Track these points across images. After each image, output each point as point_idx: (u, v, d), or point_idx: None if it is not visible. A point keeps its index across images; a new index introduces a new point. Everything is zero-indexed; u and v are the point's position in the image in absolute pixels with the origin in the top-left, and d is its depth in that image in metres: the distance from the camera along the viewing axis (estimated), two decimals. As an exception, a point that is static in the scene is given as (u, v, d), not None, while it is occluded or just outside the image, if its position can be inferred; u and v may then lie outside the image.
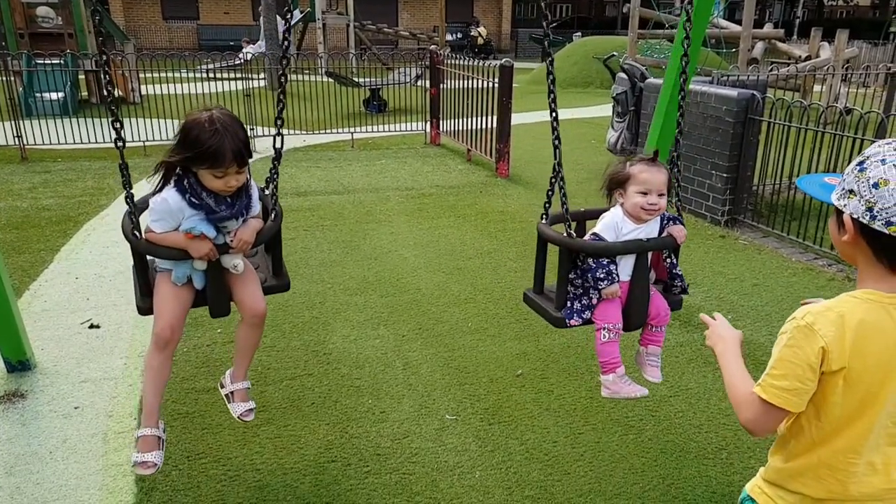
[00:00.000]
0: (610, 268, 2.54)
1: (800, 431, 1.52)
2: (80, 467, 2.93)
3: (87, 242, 5.74)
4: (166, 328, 2.55)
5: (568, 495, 2.81)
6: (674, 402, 3.47)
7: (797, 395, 1.43)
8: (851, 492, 1.48)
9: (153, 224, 2.50)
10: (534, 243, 2.93)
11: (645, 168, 2.58)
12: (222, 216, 2.49)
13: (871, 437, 1.44)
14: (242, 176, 2.48)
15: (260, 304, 2.69)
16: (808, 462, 1.50)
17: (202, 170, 2.42)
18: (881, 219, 1.34)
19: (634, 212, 2.59)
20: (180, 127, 2.48)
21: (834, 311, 1.40)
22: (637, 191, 2.57)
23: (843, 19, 38.26)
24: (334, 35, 24.41)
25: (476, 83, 8.59)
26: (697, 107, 6.46)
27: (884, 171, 1.34)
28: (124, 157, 2.65)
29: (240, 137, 2.42)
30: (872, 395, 1.40)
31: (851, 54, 14.05)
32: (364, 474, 2.91)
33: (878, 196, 1.34)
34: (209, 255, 2.49)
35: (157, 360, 2.58)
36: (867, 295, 1.40)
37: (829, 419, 1.46)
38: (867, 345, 1.37)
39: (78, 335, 4.11)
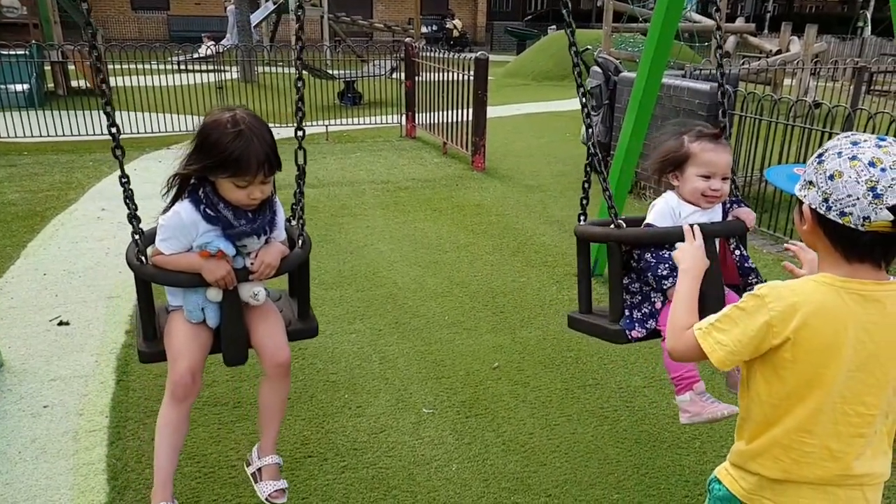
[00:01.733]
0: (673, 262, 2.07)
1: (755, 412, 1.57)
2: (50, 467, 2.88)
3: (55, 238, 5.63)
4: (186, 374, 2.14)
5: (544, 486, 2.82)
6: (647, 392, 3.50)
7: (728, 354, 1.50)
8: (806, 473, 1.51)
9: (162, 244, 2.14)
10: (510, 237, 2.85)
11: (709, 146, 2.20)
12: (241, 231, 2.14)
13: (823, 418, 1.47)
14: (268, 187, 2.15)
15: (283, 350, 2.29)
16: (764, 443, 1.55)
17: (223, 179, 2.09)
18: (836, 209, 1.39)
19: (693, 198, 2.22)
20: (198, 130, 2.14)
21: (789, 288, 1.46)
22: (698, 174, 2.19)
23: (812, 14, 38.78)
24: (308, 27, 24.16)
25: (451, 76, 8.58)
26: (670, 100, 6.52)
27: (839, 164, 1.39)
28: (124, 170, 2.29)
29: (267, 142, 2.10)
30: (818, 375, 1.45)
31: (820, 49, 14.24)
32: (341, 469, 2.90)
33: (833, 188, 1.39)
34: (226, 279, 2.11)
35: (174, 415, 2.16)
36: (823, 279, 1.45)
37: (780, 396, 1.50)
38: (815, 323, 1.42)
39: (46, 332, 4.03)
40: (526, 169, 8.36)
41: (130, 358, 3.73)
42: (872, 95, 11.78)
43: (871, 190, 1.35)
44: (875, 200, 1.35)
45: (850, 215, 1.38)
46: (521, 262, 5.24)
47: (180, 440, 2.22)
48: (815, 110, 5.63)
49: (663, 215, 2.25)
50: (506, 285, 4.81)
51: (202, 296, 2.19)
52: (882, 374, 1.46)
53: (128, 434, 3.09)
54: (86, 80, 12.47)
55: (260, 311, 2.33)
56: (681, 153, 2.23)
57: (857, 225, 1.37)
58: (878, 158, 1.36)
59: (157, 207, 2.30)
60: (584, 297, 2.46)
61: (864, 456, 1.51)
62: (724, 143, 2.25)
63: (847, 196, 1.37)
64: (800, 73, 11.93)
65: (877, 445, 1.53)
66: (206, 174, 2.12)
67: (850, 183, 1.37)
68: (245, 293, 2.23)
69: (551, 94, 15.27)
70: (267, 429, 2.39)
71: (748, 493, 1.58)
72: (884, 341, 1.44)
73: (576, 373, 3.67)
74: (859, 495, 1.53)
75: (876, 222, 1.36)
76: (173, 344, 2.20)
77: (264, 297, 2.27)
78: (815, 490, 1.52)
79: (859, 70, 10.69)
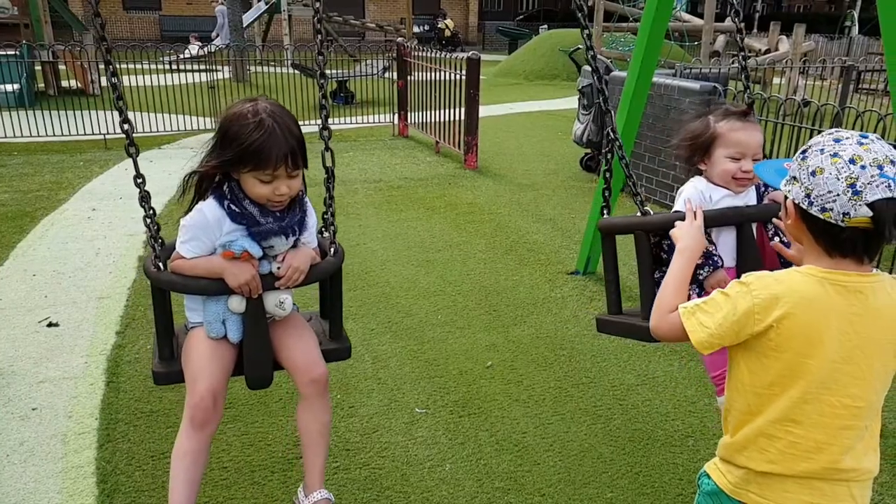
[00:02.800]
0: (708, 248, 2.00)
1: (739, 402, 1.59)
2: (39, 470, 2.86)
3: (44, 238, 5.59)
4: (207, 396, 1.94)
5: (538, 485, 2.81)
6: (641, 390, 3.50)
7: (709, 336, 1.53)
8: (792, 465, 1.51)
9: (182, 247, 1.98)
10: (502, 235, 2.79)
11: (738, 125, 2.07)
12: (268, 229, 1.96)
13: (808, 409, 1.48)
14: (295, 183, 1.98)
15: (318, 365, 2.09)
16: (749, 434, 1.56)
17: (245, 174, 1.93)
18: (817, 205, 1.42)
19: (723, 181, 2.09)
20: (218, 125, 2.01)
21: (774, 278, 1.50)
22: (727, 155, 2.06)
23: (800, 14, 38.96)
24: (300, 27, 24.15)
25: (443, 75, 8.57)
26: (661, 99, 6.53)
27: (821, 161, 1.42)
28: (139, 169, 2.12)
29: (292, 132, 1.95)
30: (801, 365, 1.47)
31: (809, 48, 14.32)
32: (333, 470, 2.88)
33: (815, 184, 1.42)
34: (251, 283, 1.92)
35: (193, 444, 1.96)
36: (808, 270, 1.49)
37: (763, 385, 1.52)
38: (798, 313, 1.45)
39: (35, 334, 4.00)
40: (518, 167, 8.36)
41: (121, 359, 3.71)
42: (860, 94, 11.83)
43: (850, 187, 1.37)
44: (854, 197, 1.37)
45: (830, 211, 1.40)
46: (513, 260, 5.23)
47: (198, 474, 1.98)
48: (804, 109, 5.65)
49: (693, 201, 2.07)
50: (498, 284, 4.80)
51: (223, 306, 2.00)
52: (867, 365, 1.48)
53: (118, 437, 3.06)
54: (76, 80, 12.41)
55: (288, 325, 2.13)
56: (707, 135, 2.11)
57: (838, 221, 1.40)
58: (859, 156, 1.38)
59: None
60: (614, 298, 2.31)
61: (853, 450, 1.51)
62: (754, 121, 2.13)
63: (828, 192, 1.40)
64: (789, 71, 11.99)
65: (866, 441, 1.54)
66: (229, 170, 1.97)
67: (831, 180, 1.39)
68: (270, 302, 2.02)
69: (543, 93, 15.28)
70: (311, 461, 2.15)
71: (734, 486, 1.59)
72: (867, 333, 1.46)
73: (569, 371, 3.67)
74: (845, 491, 1.53)
75: (856, 218, 1.38)
76: (192, 363, 2.00)
77: (291, 305, 2.07)
78: (801, 485, 1.52)
79: (847, 69, 10.75)
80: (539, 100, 14.17)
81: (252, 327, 2.01)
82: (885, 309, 1.47)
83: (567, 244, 5.57)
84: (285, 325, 2.15)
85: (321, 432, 2.16)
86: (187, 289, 2.00)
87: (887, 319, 1.47)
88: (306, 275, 2.04)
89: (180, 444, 1.99)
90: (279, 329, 2.12)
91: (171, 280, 1.99)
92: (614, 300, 2.32)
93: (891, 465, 2.92)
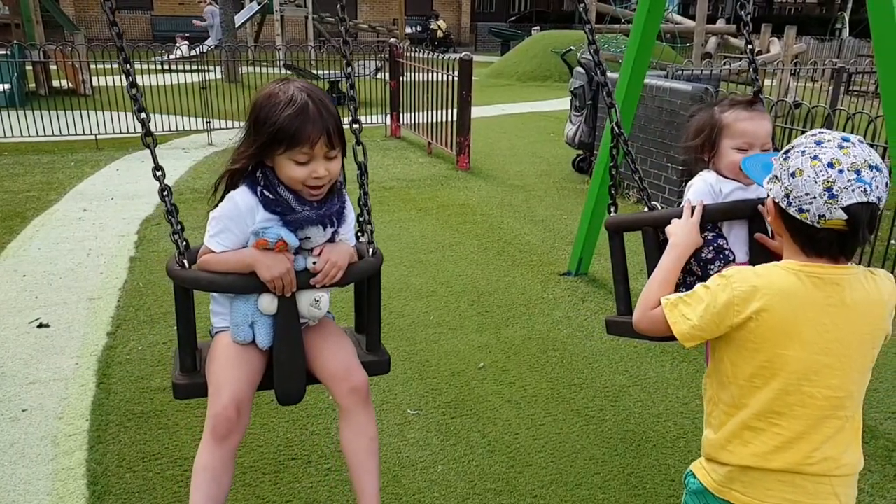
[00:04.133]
0: (719, 243, 1.94)
1: (723, 396, 1.61)
2: (29, 472, 2.84)
3: (35, 239, 5.56)
4: (229, 405, 1.77)
5: (530, 487, 2.82)
6: (633, 391, 3.50)
7: (690, 328, 1.57)
8: (775, 457, 1.53)
9: (211, 240, 1.82)
10: (494, 236, 2.78)
11: (744, 115, 2.01)
12: (305, 217, 1.81)
13: (790, 399, 1.51)
14: (334, 166, 1.83)
15: (357, 372, 1.91)
16: (734, 427, 1.58)
17: (280, 157, 1.78)
18: (795, 206, 1.47)
19: (732, 173, 2.02)
20: (248, 110, 1.86)
21: (753, 271, 1.54)
22: (734, 146, 2.00)
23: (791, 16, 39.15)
24: (292, 27, 24.09)
25: (436, 76, 8.57)
26: (653, 100, 6.55)
27: (801, 162, 1.46)
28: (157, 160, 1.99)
29: (328, 108, 1.81)
30: (781, 356, 1.50)
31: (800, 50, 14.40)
32: (325, 471, 2.88)
33: (794, 185, 1.46)
34: (285, 277, 1.75)
35: (214, 458, 1.79)
36: (786, 264, 1.53)
37: (745, 377, 1.55)
38: (776, 304, 1.48)
39: (26, 335, 3.97)
40: (510, 168, 8.36)
41: (111, 361, 3.69)
42: (851, 96, 11.90)
43: (827, 190, 1.41)
44: (830, 200, 1.41)
45: (807, 212, 1.44)
46: (505, 261, 5.23)
47: (221, 492, 1.79)
48: (796, 110, 5.68)
49: (703, 195, 2.02)
50: (491, 285, 4.80)
51: (253, 306, 1.84)
52: (846, 356, 1.52)
53: (108, 438, 3.05)
54: (67, 80, 12.35)
55: (322, 331, 1.98)
56: (713, 126, 2.04)
57: (814, 222, 1.44)
58: (838, 159, 1.42)
59: (140, 207, 2.26)
60: (623, 298, 2.22)
61: (834, 440, 1.53)
62: (762, 111, 2.06)
63: (805, 194, 1.44)
64: (780, 73, 12.04)
65: (848, 433, 1.56)
66: (263, 157, 1.81)
67: (809, 182, 1.43)
68: (304, 302, 1.84)
69: (535, 94, 15.29)
70: (364, 485, 1.90)
71: (719, 485, 1.61)
72: (845, 325, 1.50)
73: (561, 372, 3.68)
74: (828, 490, 1.54)
75: (831, 220, 1.43)
76: (215, 370, 1.84)
77: (327, 305, 1.89)
78: (784, 482, 1.53)
79: (838, 71, 10.81)
80: (531, 101, 14.19)
81: (284, 331, 1.82)
82: (861, 301, 1.51)
83: (559, 245, 5.58)
84: (319, 332, 1.98)
85: (370, 449, 1.92)
86: (214, 286, 1.83)
87: (863, 311, 1.52)
88: (344, 273, 1.85)
89: (200, 457, 1.81)
90: (312, 336, 1.95)
91: (196, 277, 1.81)
92: (623, 299, 2.23)
93: (881, 466, 2.93)
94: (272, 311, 1.83)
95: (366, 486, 1.91)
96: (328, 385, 1.95)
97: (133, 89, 1.90)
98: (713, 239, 1.97)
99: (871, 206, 1.41)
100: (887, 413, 3.33)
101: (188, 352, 1.92)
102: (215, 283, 1.82)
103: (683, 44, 14.65)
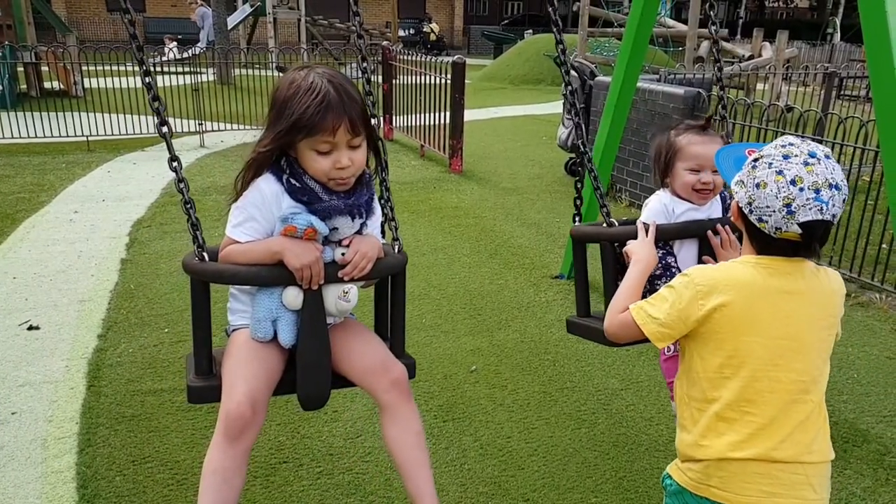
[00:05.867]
0: (667, 260, 2.09)
1: (694, 392, 1.66)
2: (18, 475, 2.82)
3: (25, 240, 5.53)
4: (244, 402, 1.67)
5: (522, 490, 2.81)
6: (625, 395, 3.51)
7: (659, 326, 1.64)
8: (750, 445, 1.57)
9: (234, 230, 1.75)
10: (487, 239, 2.82)
11: (696, 139, 2.15)
12: (332, 206, 1.73)
13: (759, 386, 1.57)
14: (358, 155, 1.75)
15: (395, 363, 1.85)
16: (708, 421, 1.62)
17: (302, 146, 1.71)
18: (755, 215, 1.56)
19: (685, 193, 2.18)
20: (270, 99, 1.80)
21: (713, 268, 1.64)
22: (686, 167, 2.14)
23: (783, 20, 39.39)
24: (285, 30, 24.06)
25: (429, 79, 8.57)
26: (645, 104, 6.57)
27: (766, 175, 1.53)
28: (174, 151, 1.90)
29: (350, 94, 1.72)
30: (746, 344, 1.57)
31: (792, 54, 14.47)
32: (317, 475, 2.87)
33: (757, 196, 1.54)
34: (313, 267, 1.67)
35: (226, 459, 1.69)
36: (744, 259, 1.63)
37: (713, 369, 1.61)
38: (735, 295, 1.57)
39: (16, 337, 3.95)
40: (503, 171, 8.37)
41: (102, 363, 3.67)
42: (842, 100, 11.97)
43: (786, 206, 1.50)
44: (788, 216, 1.50)
45: (766, 223, 1.54)
46: (498, 264, 5.23)
47: (233, 495, 1.70)
48: (788, 114, 5.70)
49: (656, 213, 2.19)
50: (483, 288, 4.80)
51: (277, 300, 1.75)
52: (806, 341, 1.59)
53: (98, 441, 3.03)
54: (59, 81, 12.29)
55: (347, 330, 1.91)
56: (669, 149, 2.20)
57: (771, 232, 1.54)
58: (801, 177, 1.49)
59: (131, 210, 2.25)
60: (582, 301, 2.38)
61: (804, 427, 1.59)
62: (713, 134, 2.19)
63: (766, 206, 1.52)
64: (772, 77, 12.11)
65: (816, 421, 1.61)
66: (285, 147, 1.74)
67: (771, 196, 1.51)
68: (331, 296, 1.76)
69: (527, 97, 15.33)
70: (417, 480, 1.83)
71: (696, 482, 1.63)
72: (802, 311, 1.59)
73: (553, 376, 3.68)
74: (803, 480, 1.58)
75: (786, 233, 1.52)
76: (231, 366, 1.75)
77: (356, 298, 1.80)
78: (760, 475, 1.56)
79: (830, 75, 10.86)
80: (524, 104, 14.21)
81: (309, 328, 1.73)
82: (815, 289, 1.61)
83: (551, 248, 5.59)
84: (344, 330, 1.90)
85: (417, 444, 1.86)
86: (237, 278, 1.72)
87: (816, 299, 1.61)
88: (373, 266, 1.78)
89: (211, 458, 1.71)
90: (338, 335, 1.86)
91: (219, 270, 1.72)
92: (583, 302, 2.39)
93: (873, 470, 2.94)
94: (297, 305, 1.75)
95: (421, 484, 1.84)
96: (365, 383, 1.87)
97: (147, 77, 1.83)
98: (662, 256, 2.12)
99: (826, 223, 1.50)
100: (879, 417, 3.35)
101: (204, 354, 1.84)
102: (239, 275, 1.73)
103: (676, 48, 14.70)
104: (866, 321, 4.42)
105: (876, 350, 4.03)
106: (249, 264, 1.73)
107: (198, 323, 1.82)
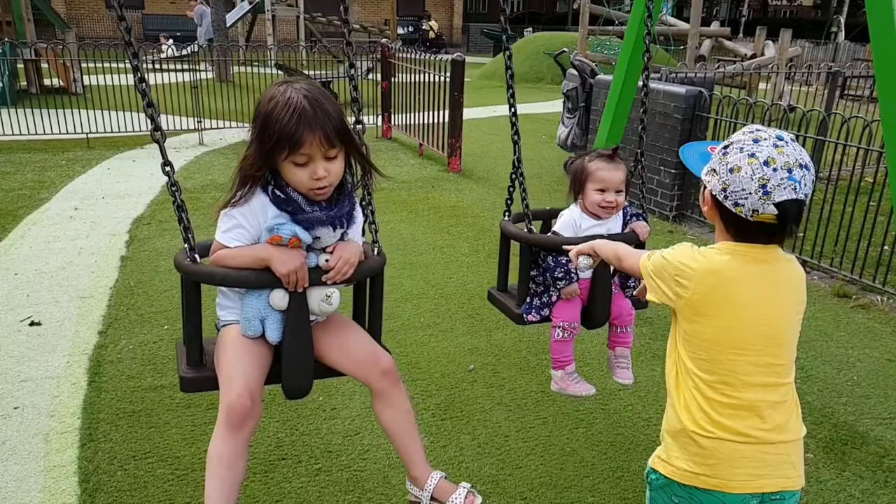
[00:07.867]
0: (568, 266, 2.48)
1: (680, 380, 1.70)
2: (21, 469, 2.84)
3: (26, 237, 5.54)
4: (243, 394, 1.82)
5: (520, 489, 2.83)
6: (623, 395, 3.52)
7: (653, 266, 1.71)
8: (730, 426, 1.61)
9: (223, 236, 1.86)
10: (486, 238, 2.92)
11: (602, 165, 2.58)
12: (315, 217, 1.85)
13: (738, 369, 1.61)
14: (334, 166, 1.84)
15: (383, 355, 2.03)
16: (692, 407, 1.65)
17: (283, 161, 1.81)
18: (731, 199, 1.58)
19: (593, 209, 2.60)
20: (254, 113, 1.89)
21: (691, 256, 1.67)
22: (594, 188, 2.57)
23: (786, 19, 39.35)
24: (284, 27, 24.05)
25: (427, 77, 8.57)
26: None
27: (739, 159, 1.56)
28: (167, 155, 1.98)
29: (324, 108, 1.81)
30: (726, 329, 1.61)
31: (795, 53, 14.46)
32: (315, 472, 2.89)
33: (731, 180, 1.57)
34: (299, 272, 1.80)
35: (229, 448, 1.82)
36: (720, 246, 1.67)
37: (695, 349, 1.65)
38: (714, 282, 1.61)
39: (17, 333, 3.97)
40: (502, 170, 8.38)
41: (103, 359, 3.69)
42: (846, 100, 11.95)
43: (762, 187, 1.52)
44: (764, 197, 1.53)
45: (742, 206, 1.56)
46: (496, 263, 5.23)
47: (236, 479, 1.83)
48: (790, 114, 5.71)
49: (566, 226, 2.63)
50: (481, 287, 4.81)
51: (264, 301, 1.87)
52: (783, 326, 1.65)
53: (99, 436, 3.05)
54: (59, 78, 12.29)
55: (335, 324, 2.03)
56: (582, 173, 2.61)
57: (747, 215, 1.56)
58: (773, 158, 1.53)
59: (131, 207, 2.26)
60: (502, 278, 2.85)
61: (783, 407, 1.64)
62: (618, 162, 2.60)
63: (742, 190, 1.55)
64: (774, 77, 12.10)
65: (791, 405, 1.66)
66: (270, 163, 1.83)
67: (745, 179, 1.54)
68: (315, 299, 1.89)
69: (526, 96, 15.31)
70: (409, 451, 2.05)
71: (683, 472, 1.66)
72: (777, 296, 1.64)
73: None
74: (785, 459, 1.63)
75: (763, 215, 1.55)
76: (226, 361, 1.88)
77: (338, 301, 1.92)
78: (746, 459, 1.60)
79: (833, 75, 10.84)
80: (523, 103, 14.18)
81: (294, 326, 1.87)
82: (787, 276, 1.66)
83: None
84: (332, 325, 2.03)
85: (408, 421, 2.07)
86: (228, 280, 1.84)
87: (788, 286, 1.66)
88: (356, 271, 1.91)
89: (214, 447, 1.83)
90: (324, 330, 1.99)
91: (211, 272, 1.84)
92: (503, 278, 2.85)
93: (872, 473, 2.95)
94: (283, 306, 1.87)
95: (413, 454, 2.07)
96: (356, 372, 2.03)
97: (142, 84, 1.92)
98: (566, 263, 2.45)
99: (800, 202, 1.54)
100: (878, 419, 3.35)
101: (195, 346, 1.96)
102: (230, 278, 1.85)
103: (677, 46, 14.70)
104: (867, 323, 4.42)
105: (877, 353, 4.02)
106: (239, 268, 1.86)
107: (189, 318, 1.94)
